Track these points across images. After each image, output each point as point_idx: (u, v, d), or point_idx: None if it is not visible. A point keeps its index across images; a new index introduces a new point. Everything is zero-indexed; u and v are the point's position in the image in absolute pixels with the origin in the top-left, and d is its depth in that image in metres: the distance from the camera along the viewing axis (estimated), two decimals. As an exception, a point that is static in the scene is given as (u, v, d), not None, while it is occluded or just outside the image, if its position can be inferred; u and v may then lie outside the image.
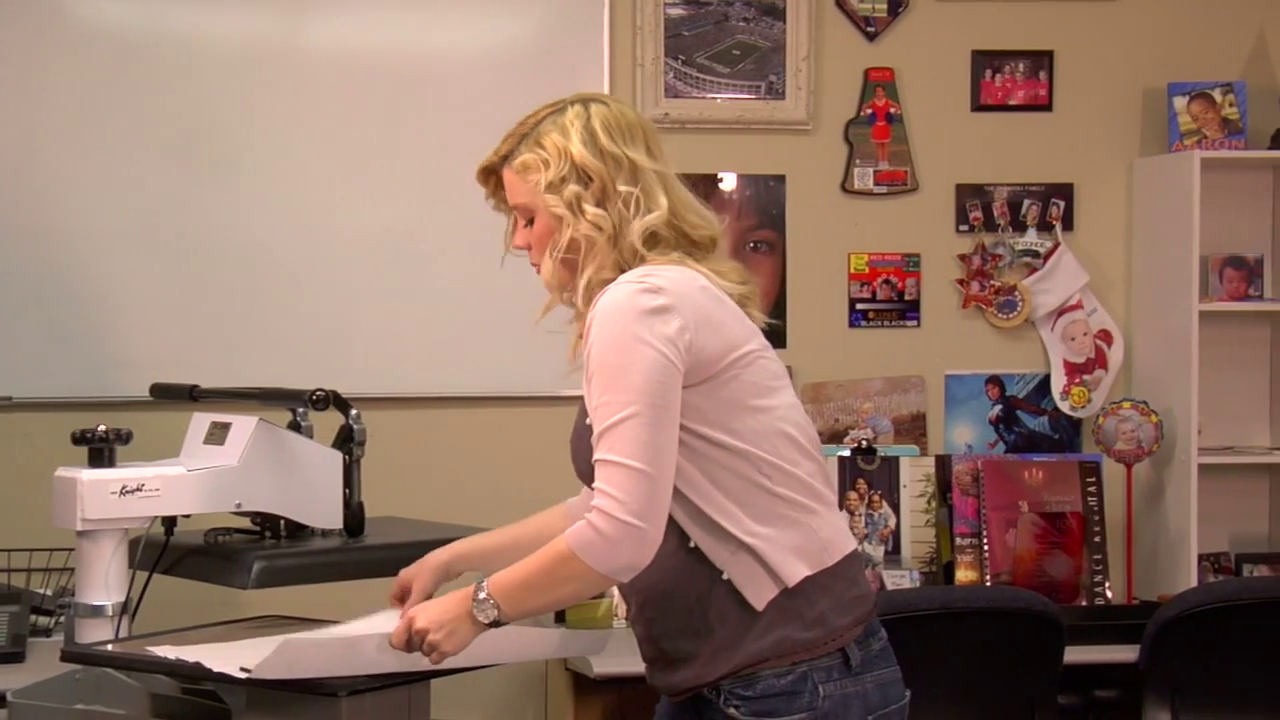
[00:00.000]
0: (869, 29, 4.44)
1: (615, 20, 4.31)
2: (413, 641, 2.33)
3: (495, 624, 2.28)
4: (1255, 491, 4.57)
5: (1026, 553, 4.19)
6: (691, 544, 2.26)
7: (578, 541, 2.19)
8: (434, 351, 4.24)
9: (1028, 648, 3.61)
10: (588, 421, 2.28)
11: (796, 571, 2.24)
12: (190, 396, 3.28)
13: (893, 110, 4.43)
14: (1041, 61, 4.49)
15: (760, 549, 2.24)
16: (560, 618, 4.04)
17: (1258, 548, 4.50)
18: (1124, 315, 4.55)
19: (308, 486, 3.04)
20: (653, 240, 2.35)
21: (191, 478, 2.89)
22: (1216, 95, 4.40)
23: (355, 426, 3.08)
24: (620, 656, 3.74)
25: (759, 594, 2.24)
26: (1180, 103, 4.40)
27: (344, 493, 3.07)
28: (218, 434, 2.98)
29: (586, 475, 2.30)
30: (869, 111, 4.43)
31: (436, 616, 2.30)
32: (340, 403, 3.07)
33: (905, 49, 4.44)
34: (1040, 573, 4.17)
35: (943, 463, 4.25)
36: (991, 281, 4.47)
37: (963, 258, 4.48)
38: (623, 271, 2.32)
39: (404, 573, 2.70)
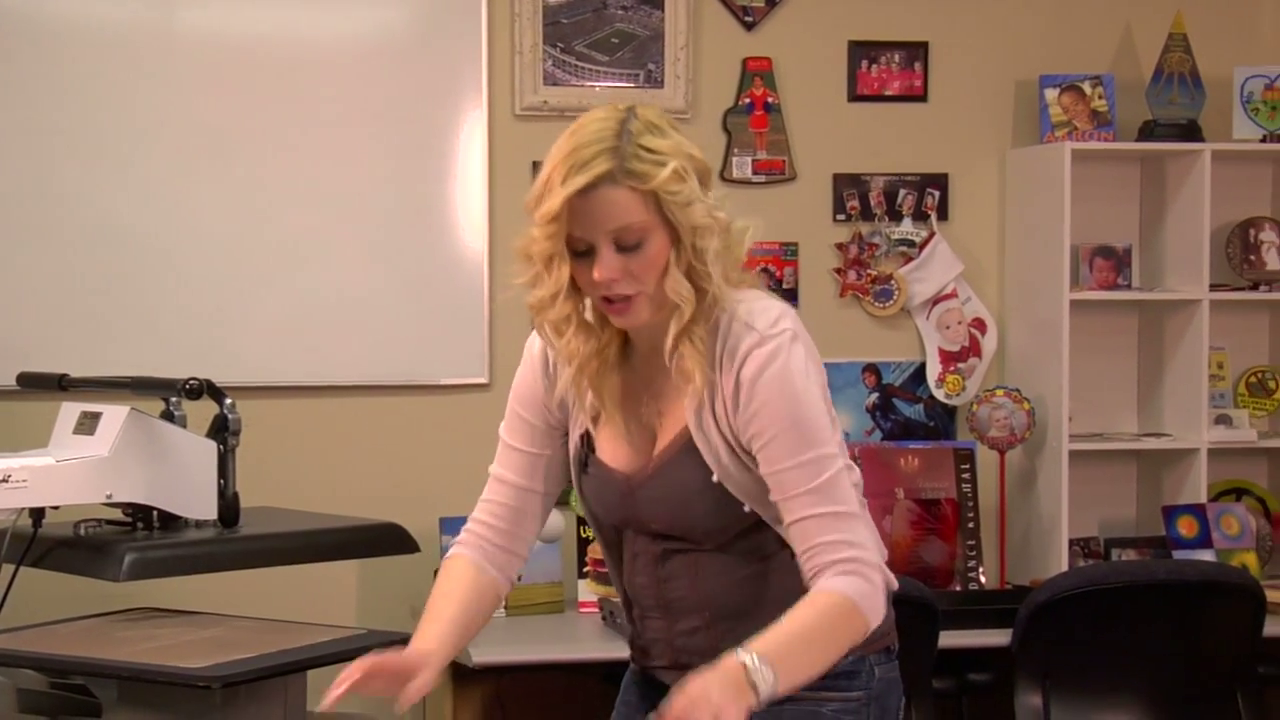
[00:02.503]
0: (747, 19, 4.45)
1: (493, 7, 4.29)
2: (695, 715, 1.99)
3: (768, 696, 2.04)
4: (1123, 477, 4.62)
5: (902, 539, 4.22)
6: (788, 555, 2.20)
7: (859, 594, 2.12)
8: (308, 340, 4.19)
9: (903, 633, 3.60)
10: (715, 479, 2.20)
11: None
12: (59, 386, 3.23)
13: (770, 100, 4.45)
14: (917, 53, 4.53)
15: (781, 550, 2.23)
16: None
17: (1125, 532, 4.55)
18: (997, 304, 4.59)
19: (180, 477, 3.00)
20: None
21: (61, 468, 2.84)
22: (1086, 88, 4.46)
23: (230, 416, 3.04)
24: (498, 646, 3.75)
25: None
26: (1051, 95, 4.46)
27: (218, 483, 3.03)
28: (88, 424, 2.93)
29: (702, 533, 2.23)
30: (747, 101, 4.45)
31: (711, 692, 1.99)
32: (214, 392, 3.04)
33: (783, 39, 4.46)
34: (916, 559, 4.21)
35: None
36: (868, 270, 4.51)
37: (840, 247, 4.51)
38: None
39: (398, 662, 2.31)
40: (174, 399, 3.03)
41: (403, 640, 3.31)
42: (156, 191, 4.13)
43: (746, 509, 2.22)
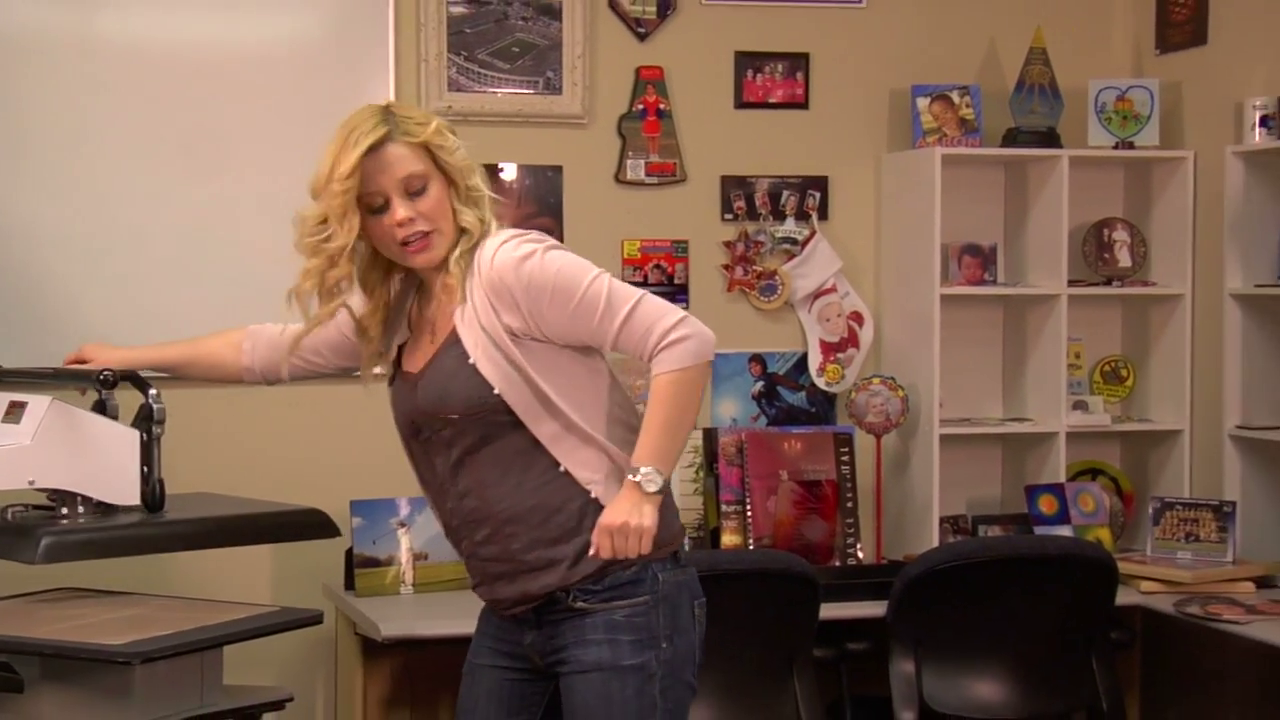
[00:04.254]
0: (640, 29, 4.44)
1: (400, 18, 4.25)
2: (616, 541, 2.45)
3: (664, 488, 2.47)
4: (989, 459, 4.65)
5: (786, 518, 4.24)
6: (561, 469, 2.51)
7: (683, 357, 2.46)
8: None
9: (787, 606, 3.66)
10: (470, 361, 2.48)
11: None
12: None
13: (662, 106, 4.45)
14: (798, 63, 4.54)
15: (621, 469, 2.51)
16: (350, 585, 3.98)
17: (991, 510, 4.59)
18: (873, 298, 4.61)
19: (102, 464, 2.96)
20: None
21: (-16, 455, 2.79)
22: (955, 97, 4.50)
23: (154, 405, 2.99)
24: (407, 620, 3.73)
25: None
26: (923, 103, 4.49)
27: (143, 470, 2.98)
28: (15, 413, 2.90)
29: (460, 407, 2.50)
30: (640, 107, 4.44)
31: (620, 513, 2.44)
32: (139, 382, 2.98)
33: (673, 49, 4.46)
34: (798, 536, 4.23)
35: (709, 435, 4.28)
36: (754, 266, 4.52)
37: (727, 244, 4.51)
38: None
39: (84, 353, 2.95)
40: (106, 390, 2.98)
41: (316, 618, 3.30)
42: (80, 192, 4.04)
43: (495, 391, 2.48)
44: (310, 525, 3.23)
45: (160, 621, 3.05)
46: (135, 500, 3.01)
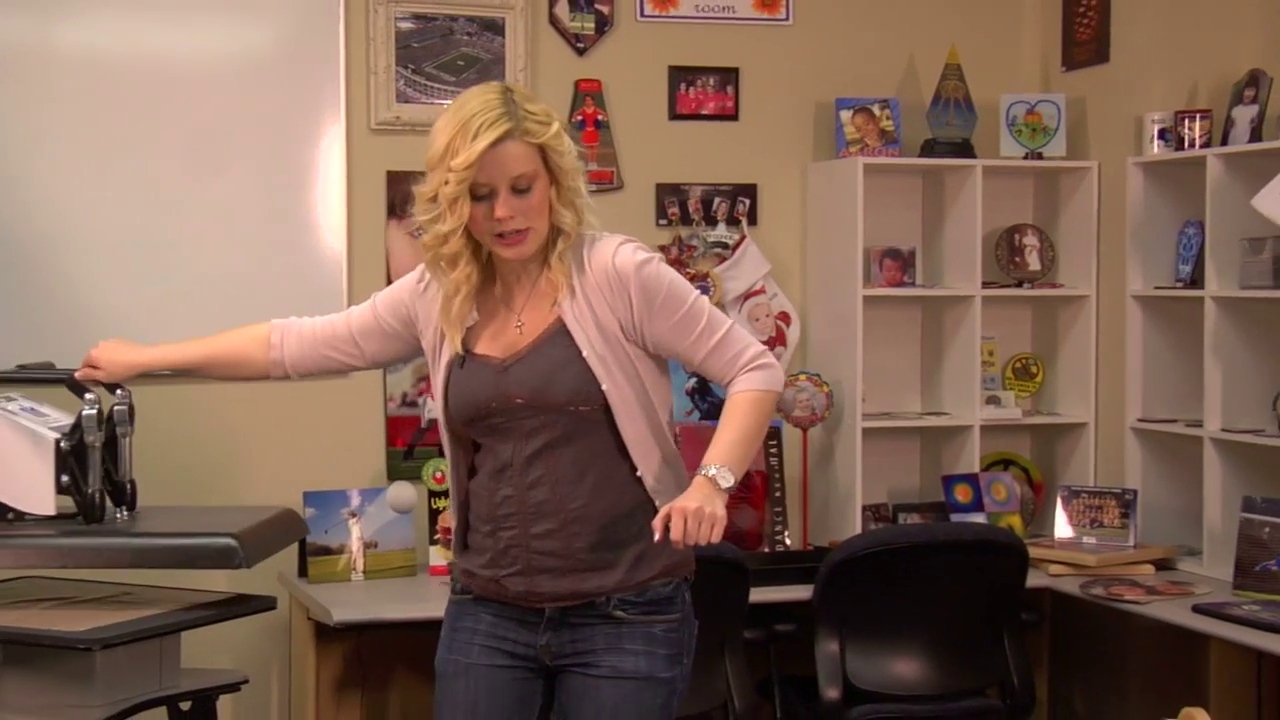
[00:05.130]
0: (579, 45, 4.45)
1: (350, 32, 4.23)
2: (690, 524, 2.34)
3: (733, 487, 2.42)
4: (909, 451, 4.67)
5: (717, 506, 4.24)
6: (638, 474, 2.48)
7: (765, 382, 2.48)
8: (185, 332, 4.08)
9: (719, 590, 3.63)
10: (584, 354, 2.43)
11: None
12: None
13: (600, 117, 4.45)
14: (729, 77, 4.56)
15: (682, 480, 2.51)
16: (303, 572, 3.97)
17: (911, 499, 4.61)
18: (800, 299, 4.62)
19: (11, 473, 2.84)
20: None
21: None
22: (876, 110, 4.53)
23: (91, 412, 2.87)
24: (357, 605, 3.72)
25: None
26: (846, 115, 4.51)
27: (65, 479, 2.83)
28: None
29: (563, 399, 2.43)
30: (579, 118, 4.44)
31: (695, 499, 2.36)
32: (75, 387, 2.87)
33: (611, 63, 4.46)
34: (729, 524, 4.18)
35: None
36: (687, 269, 4.52)
37: (662, 248, 4.51)
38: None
39: (93, 358, 2.80)
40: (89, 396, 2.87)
41: (270, 604, 3.28)
42: (39, 197, 3.99)
43: (603, 387, 2.43)
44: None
45: (120, 609, 3.03)
46: (49, 510, 2.88)
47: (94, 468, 2.88)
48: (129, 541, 2.95)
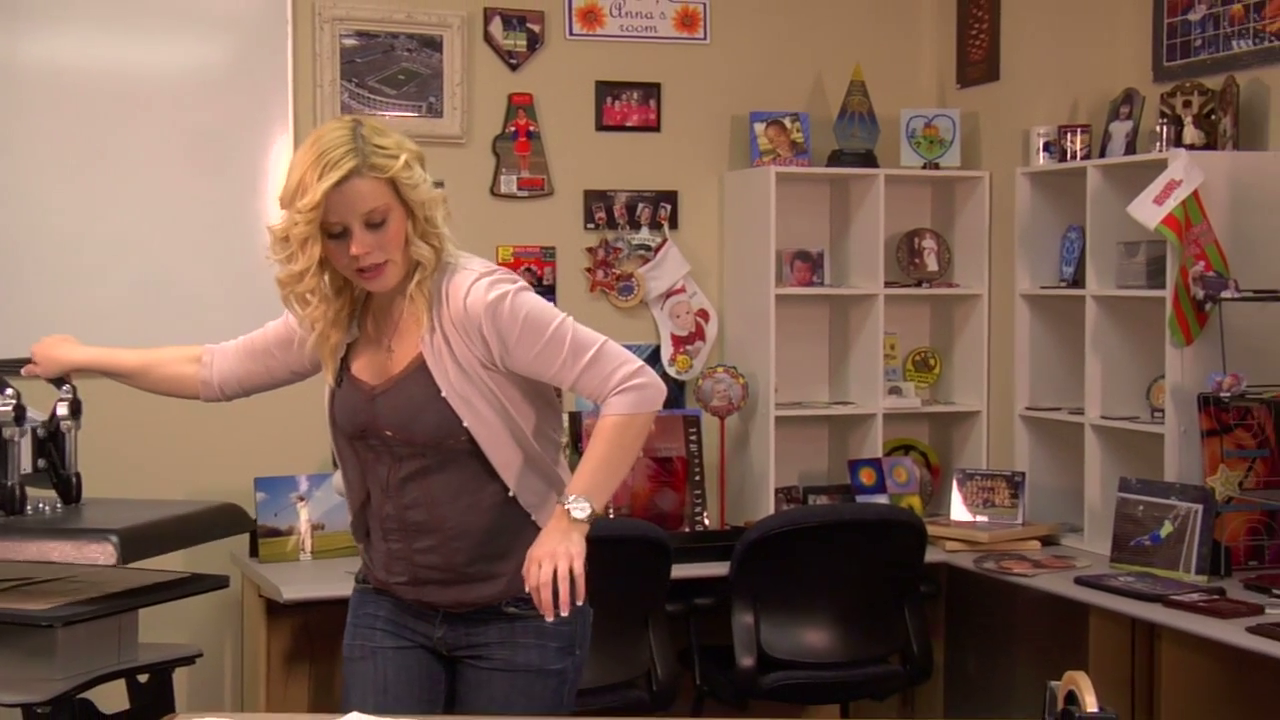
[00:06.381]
0: (512, 61, 4.44)
1: (297, 48, 4.20)
2: (544, 570, 2.23)
3: (591, 516, 2.28)
4: (818, 437, 4.69)
5: (641, 490, 4.25)
6: (510, 494, 2.36)
7: (634, 404, 2.31)
8: (140, 331, 4.04)
9: (643, 568, 3.66)
10: (443, 394, 2.30)
11: None
12: None
13: (532, 128, 4.45)
14: (651, 91, 4.57)
15: (557, 494, 2.38)
16: (254, 553, 3.94)
17: (819, 481, 4.62)
18: (718, 297, 4.64)
19: None
20: None
21: None
22: (787, 123, 4.55)
23: (10, 405, 2.75)
24: (306, 584, 3.70)
25: None
26: (759, 128, 4.54)
27: None
28: None
29: (425, 439, 2.32)
30: (512, 129, 4.44)
31: (549, 543, 2.25)
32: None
33: (541, 78, 4.46)
34: (653, 506, 4.25)
35: (575, 418, 4.27)
36: (613, 270, 4.54)
37: (589, 250, 4.53)
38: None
39: (32, 352, 2.70)
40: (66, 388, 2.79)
41: (223, 582, 3.26)
42: (2, 201, 3.95)
43: (464, 424, 2.32)
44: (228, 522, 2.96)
45: (80, 587, 3.00)
46: None
47: (13, 460, 2.77)
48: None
